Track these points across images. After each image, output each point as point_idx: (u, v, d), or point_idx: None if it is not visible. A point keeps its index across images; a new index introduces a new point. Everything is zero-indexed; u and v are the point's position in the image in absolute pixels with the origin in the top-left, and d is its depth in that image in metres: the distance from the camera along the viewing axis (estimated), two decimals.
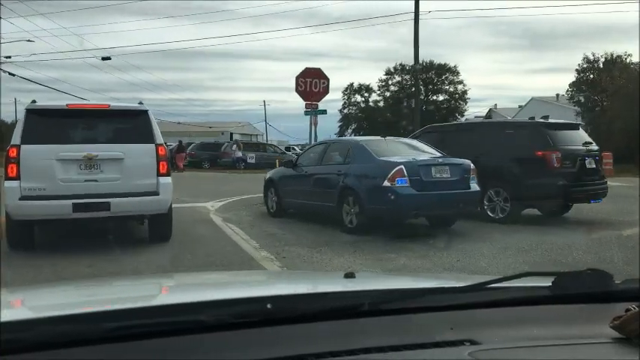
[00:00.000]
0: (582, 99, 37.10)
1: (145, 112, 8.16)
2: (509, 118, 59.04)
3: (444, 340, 1.25)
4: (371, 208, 9.10)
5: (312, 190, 10.57)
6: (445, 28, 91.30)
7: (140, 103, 8.46)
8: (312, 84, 14.29)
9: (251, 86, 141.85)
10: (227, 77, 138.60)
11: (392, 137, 10.84)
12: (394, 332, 1.27)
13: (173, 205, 8.61)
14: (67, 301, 1.68)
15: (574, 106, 37.39)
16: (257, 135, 72.19)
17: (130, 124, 8.13)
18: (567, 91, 51.19)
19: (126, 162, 7.78)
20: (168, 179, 8.05)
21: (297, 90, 14.30)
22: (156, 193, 7.89)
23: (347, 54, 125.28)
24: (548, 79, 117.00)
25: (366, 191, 9.24)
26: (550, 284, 1.46)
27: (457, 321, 1.33)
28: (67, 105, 8.24)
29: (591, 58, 36.97)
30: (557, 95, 51.68)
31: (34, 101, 8.20)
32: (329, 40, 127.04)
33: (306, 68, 14.52)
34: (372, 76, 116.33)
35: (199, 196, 16.37)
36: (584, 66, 37.42)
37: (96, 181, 7.67)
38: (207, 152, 34.30)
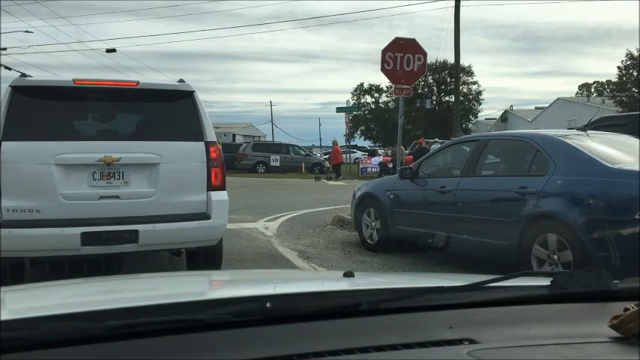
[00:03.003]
0: (625, 98, 32.93)
1: (190, 93, 5.63)
2: (529, 120, 54.68)
3: (443, 339, 1.23)
4: (604, 258, 4.69)
5: (458, 217, 6.47)
6: (445, 31, 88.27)
7: (181, 80, 5.83)
8: (403, 61, 10.03)
9: (250, 88, 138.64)
10: (227, 79, 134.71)
11: (593, 131, 6.41)
12: (393, 331, 1.24)
13: None
14: (68, 299, 1.64)
15: (615, 105, 33.24)
16: (259, 137, 68.34)
17: (168, 111, 5.65)
18: (576, 93, 46.60)
19: (163, 169, 5.34)
20: (223, 194, 5.61)
21: (382, 69, 10.08)
22: (206, 216, 5.44)
23: (344, 56, 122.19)
24: (548, 82, 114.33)
25: (594, 226, 4.82)
26: (549, 283, 1.44)
27: (456, 320, 1.30)
28: (73, 81, 5.37)
29: (635, 54, 32.69)
30: (588, 95, 47.64)
31: (23, 75, 5.70)
32: (326, 42, 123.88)
33: (396, 39, 10.26)
34: (370, 78, 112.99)
35: (238, 210, 13.00)
36: (628, 63, 33.20)
37: (117, 197, 5.24)
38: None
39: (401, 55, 10.18)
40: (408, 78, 10.34)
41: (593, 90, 70.78)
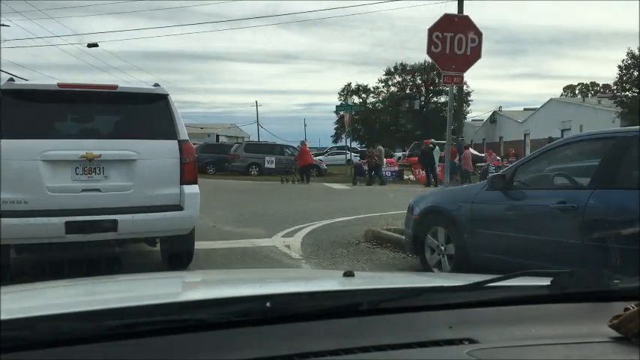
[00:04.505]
0: (625, 99, 31.42)
1: (164, 96, 6.00)
2: (519, 121, 53.27)
3: (443, 339, 1.21)
4: None
5: (590, 246, 4.74)
6: (425, 32, 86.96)
7: (156, 84, 6.31)
8: (454, 42, 8.06)
9: (233, 88, 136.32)
10: (210, 79, 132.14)
11: None
12: (393, 331, 1.22)
13: (218, 242, 7.07)
14: (68, 299, 1.62)
15: (616, 106, 31.74)
16: (243, 137, 66.30)
17: (144, 113, 5.99)
18: (561, 94, 45.54)
19: (139, 165, 5.70)
20: (194, 188, 5.96)
21: (429, 52, 8.16)
22: (179, 208, 5.79)
23: (326, 57, 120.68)
24: (530, 84, 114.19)
25: None
26: (549, 283, 1.42)
27: (456, 320, 1.28)
28: (57, 84, 5.80)
29: (637, 53, 31.18)
30: (584, 96, 46.21)
31: (11, 79, 6.07)
32: (308, 43, 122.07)
33: (445, 15, 8.22)
34: (353, 79, 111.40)
35: (245, 221, 10.99)
36: (629, 62, 31.66)
37: (98, 190, 5.62)
38: (213, 155, 27.85)
39: (451, 35, 8.22)
40: (459, 63, 8.35)
41: (577, 92, 69.74)
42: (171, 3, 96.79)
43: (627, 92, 33.12)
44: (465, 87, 59.87)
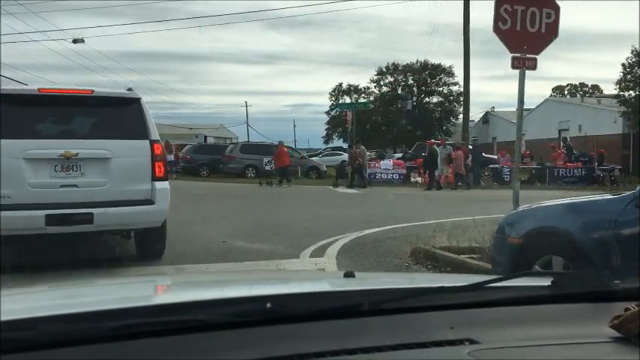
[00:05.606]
0: (628, 98, 30.12)
1: (137, 100, 6.48)
2: (513, 121, 51.80)
3: (444, 339, 1.20)
4: None
5: None
6: (411, 34, 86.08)
7: (129, 89, 6.75)
8: (525, 17, 6.37)
9: (220, 89, 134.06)
10: (198, 80, 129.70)
11: None
12: (394, 332, 1.20)
13: (235, 265, 6.73)
14: (68, 300, 1.59)
15: (619, 105, 30.47)
16: (232, 138, 64.55)
17: (118, 114, 6.50)
18: (550, 95, 44.50)
19: (114, 162, 6.17)
20: (165, 184, 6.43)
21: (496, 29, 6.46)
22: (150, 202, 6.24)
23: (314, 58, 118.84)
24: (516, 86, 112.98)
25: None
26: (549, 284, 1.40)
27: (457, 320, 1.26)
28: (38, 89, 6.35)
29: None
30: (582, 96, 45.02)
31: None
32: (295, 44, 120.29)
33: None
34: (342, 79, 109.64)
35: (257, 234, 9.39)
36: (633, 60, 30.35)
37: (75, 186, 6.05)
38: (206, 156, 26.09)
39: (522, 8, 6.60)
40: (532, 43, 6.73)
41: (566, 92, 68.80)
42: (161, 2, 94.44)
43: (631, 91, 31.82)
44: (457, 87, 58.43)
